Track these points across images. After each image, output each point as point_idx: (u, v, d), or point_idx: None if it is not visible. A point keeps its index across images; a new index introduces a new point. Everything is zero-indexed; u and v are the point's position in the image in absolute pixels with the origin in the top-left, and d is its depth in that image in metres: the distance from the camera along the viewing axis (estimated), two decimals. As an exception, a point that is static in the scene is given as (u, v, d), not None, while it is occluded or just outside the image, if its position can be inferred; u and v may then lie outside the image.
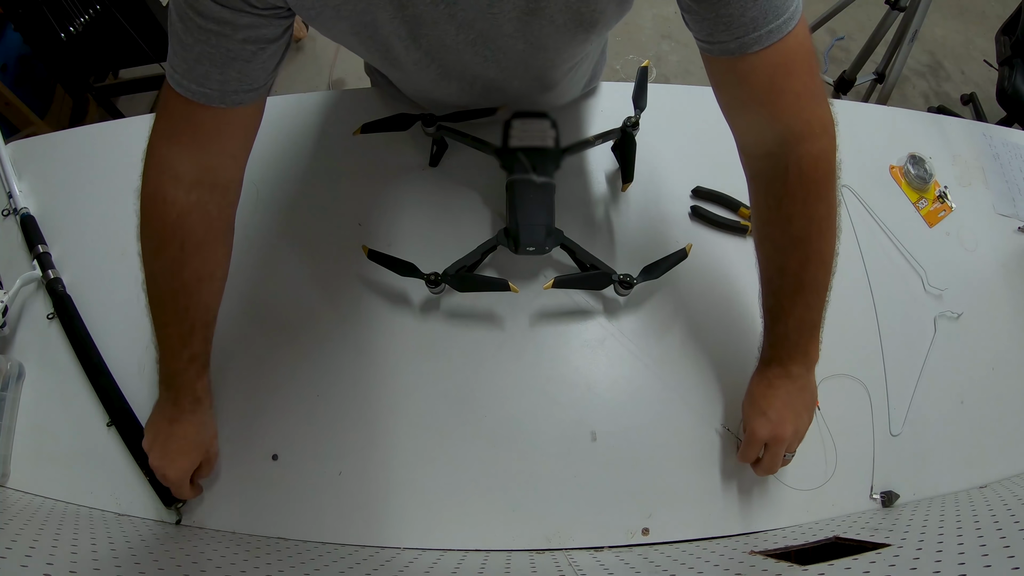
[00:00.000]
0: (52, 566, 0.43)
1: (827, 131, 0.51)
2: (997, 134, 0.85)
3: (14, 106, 1.47)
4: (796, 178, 0.51)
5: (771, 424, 0.57)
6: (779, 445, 0.57)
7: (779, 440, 0.56)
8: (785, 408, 0.57)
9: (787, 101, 0.49)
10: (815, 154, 0.51)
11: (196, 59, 0.47)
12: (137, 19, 1.43)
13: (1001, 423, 0.67)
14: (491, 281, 0.63)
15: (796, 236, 0.53)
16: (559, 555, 0.57)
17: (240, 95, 0.50)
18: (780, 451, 0.57)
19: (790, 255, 0.54)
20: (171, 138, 0.52)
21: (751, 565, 0.50)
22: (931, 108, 2.05)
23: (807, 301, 0.55)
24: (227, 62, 0.47)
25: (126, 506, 0.60)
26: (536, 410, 0.63)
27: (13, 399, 0.63)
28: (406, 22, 0.51)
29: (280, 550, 0.56)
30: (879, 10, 1.39)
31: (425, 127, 0.69)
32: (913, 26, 1.29)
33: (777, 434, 0.56)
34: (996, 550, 0.43)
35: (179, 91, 0.49)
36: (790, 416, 0.57)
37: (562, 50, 0.57)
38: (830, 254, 0.54)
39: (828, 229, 0.53)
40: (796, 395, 0.57)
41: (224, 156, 0.54)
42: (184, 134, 0.51)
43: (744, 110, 0.52)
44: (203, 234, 0.54)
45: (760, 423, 0.57)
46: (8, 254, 0.71)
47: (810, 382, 0.58)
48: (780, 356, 0.57)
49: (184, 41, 0.47)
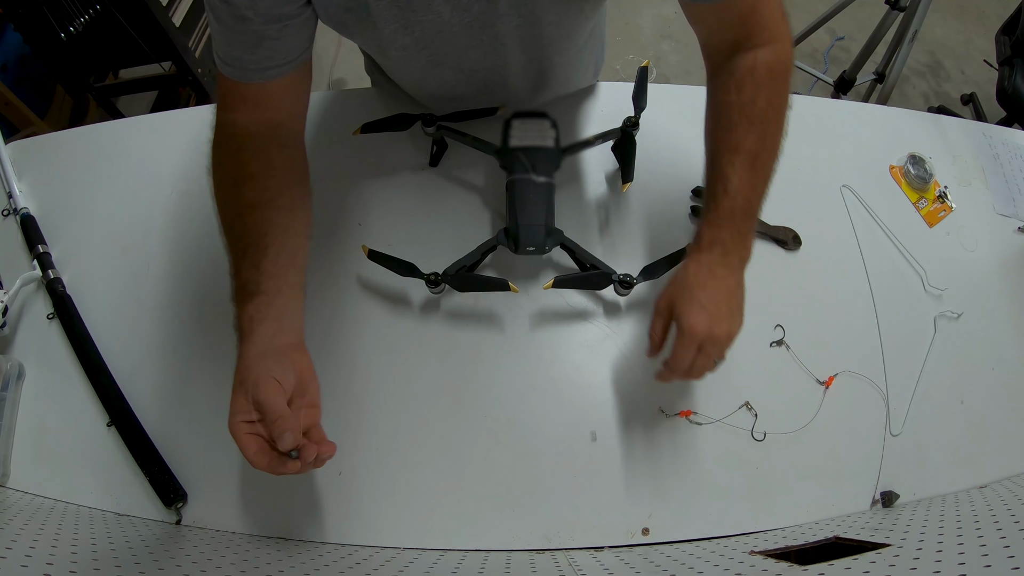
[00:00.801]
0: (52, 566, 0.43)
1: (790, 40, 0.55)
2: (997, 134, 0.85)
3: (14, 106, 1.47)
4: (764, 68, 0.54)
5: (710, 319, 0.52)
6: (716, 345, 0.52)
7: (716, 340, 0.52)
8: (724, 304, 0.53)
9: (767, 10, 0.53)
10: (781, 53, 0.54)
11: (228, 43, 0.52)
12: (137, 19, 1.43)
13: (1001, 423, 0.67)
14: (491, 281, 0.63)
15: (755, 117, 0.53)
16: (559, 555, 0.57)
17: (275, 70, 0.53)
18: (714, 353, 0.53)
19: (747, 134, 0.53)
20: (227, 110, 0.56)
21: (751, 565, 0.50)
22: (931, 108, 2.05)
23: (754, 183, 0.54)
24: (255, 42, 0.51)
25: (126, 506, 0.60)
26: (536, 410, 0.63)
27: (13, 399, 0.63)
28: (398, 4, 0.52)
29: (280, 550, 0.56)
30: (879, 10, 1.39)
31: (425, 127, 0.69)
32: (913, 26, 1.29)
33: (716, 332, 0.52)
34: (996, 550, 0.43)
35: (224, 72, 0.54)
36: (726, 313, 0.53)
37: (559, 24, 0.58)
38: (778, 148, 0.55)
39: (781, 122, 0.55)
40: (735, 290, 0.54)
41: (280, 114, 0.58)
42: (237, 106, 0.56)
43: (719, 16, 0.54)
44: (259, 165, 0.55)
45: (699, 317, 0.51)
46: (8, 254, 0.71)
47: (743, 281, 0.55)
48: (722, 239, 0.54)
49: (217, 28, 0.51)
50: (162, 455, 0.60)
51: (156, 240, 0.72)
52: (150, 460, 0.60)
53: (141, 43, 1.47)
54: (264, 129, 0.56)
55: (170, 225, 0.72)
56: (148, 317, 0.68)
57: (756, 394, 0.64)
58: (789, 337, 0.67)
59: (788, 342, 0.67)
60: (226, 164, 0.56)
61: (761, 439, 0.63)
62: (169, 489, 0.59)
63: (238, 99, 0.56)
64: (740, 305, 0.55)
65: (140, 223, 0.73)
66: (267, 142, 0.56)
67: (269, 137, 0.57)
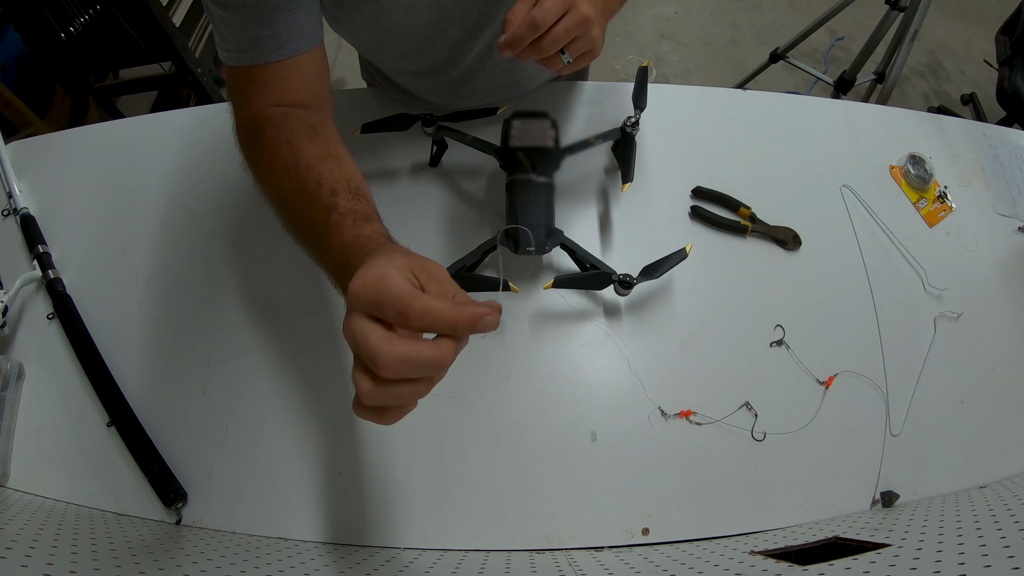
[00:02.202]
0: (52, 566, 0.43)
1: None
2: (997, 134, 0.85)
3: (14, 106, 1.47)
4: None
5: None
6: (580, 23, 0.46)
7: (585, 15, 0.46)
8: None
9: None
10: None
11: (241, 26, 0.50)
12: (137, 19, 1.43)
13: (1001, 423, 0.67)
14: (491, 281, 0.63)
15: None
16: (559, 555, 0.57)
17: (294, 43, 0.51)
18: (570, 30, 0.46)
19: None
20: (247, 104, 0.53)
21: (751, 565, 0.50)
22: (931, 108, 2.05)
23: None
24: (269, 15, 0.50)
25: (126, 506, 0.60)
26: (536, 410, 0.63)
27: (13, 399, 0.63)
28: None
29: (280, 550, 0.56)
30: (879, 10, 1.39)
31: (425, 127, 0.69)
32: (913, 26, 1.29)
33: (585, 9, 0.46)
34: (996, 550, 0.43)
35: (238, 63, 0.51)
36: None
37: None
38: None
39: None
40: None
41: (303, 92, 0.54)
42: (259, 95, 0.53)
43: None
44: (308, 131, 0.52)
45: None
46: (8, 254, 0.71)
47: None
48: None
49: (224, 17, 0.49)
50: (162, 455, 0.60)
51: (156, 240, 0.72)
52: (150, 460, 0.60)
53: (141, 43, 1.47)
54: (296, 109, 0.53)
55: (170, 225, 0.72)
56: (148, 317, 0.68)
57: (756, 394, 0.64)
58: (789, 337, 0.67)
59: (788, 342, 0.67)
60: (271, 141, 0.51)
61: (761, 439, 0.63)
62: (169, 489, 0.58)
63: (258, 86, 0.53)
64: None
65: (140, 223, 0.73)
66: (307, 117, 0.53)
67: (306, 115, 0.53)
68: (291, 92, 0.53)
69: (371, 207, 0.48)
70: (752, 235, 0.72)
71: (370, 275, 0.36)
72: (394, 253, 0.40)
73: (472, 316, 0.35)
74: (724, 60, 2.15)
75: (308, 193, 0.48)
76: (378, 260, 0.38)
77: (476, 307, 0.36)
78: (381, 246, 0.43)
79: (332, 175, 0.49)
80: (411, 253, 0.41)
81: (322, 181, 0.48)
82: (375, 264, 0.37)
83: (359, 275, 0.36)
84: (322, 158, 0.50)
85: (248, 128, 0.53)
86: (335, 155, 0.51)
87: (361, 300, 0.35)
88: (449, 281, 0.39)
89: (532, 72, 0.73)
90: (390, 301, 0.34)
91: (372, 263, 0.37)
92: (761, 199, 0.73)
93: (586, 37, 0.48)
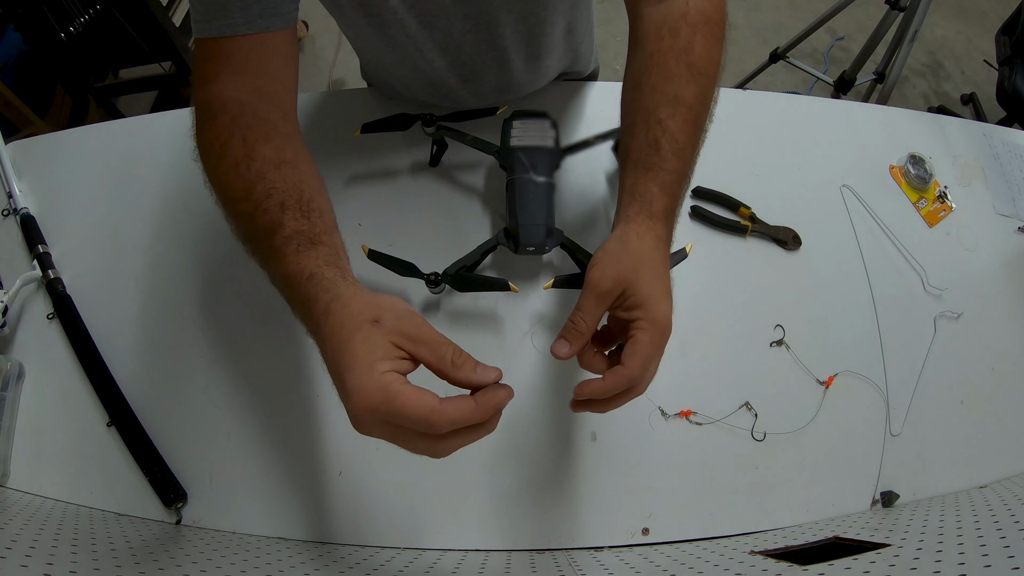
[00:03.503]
0: (52, 566, 0.43)
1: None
2: (997, 134, 0.85)
3: (14, 106, 1.48)
4: (697, 13, 0.48)
5: (670, 318, 0.42)
6: (661, 350, 0.42)
7: (665, 339, 0.42)
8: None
9: None
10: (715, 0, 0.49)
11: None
12: (137, 19, 1.44)
13: (1001, 423, 0.67)
14: (491, 281, 0.63)
15: (695, 66, 0.47)
16: (559, 555, 0.57)
17: (265, 19, 0.49)
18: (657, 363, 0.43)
19: (687, 85, 0.46)
20: (209, 80, 0.49)
21: (751, 565, 0.50)
22: (931, 108, 2.05)
23: (696, 143, 0.47)
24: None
25: (126, 506, 0.60)
26: (536, 410, 0.63)
27: (13, 399, 0.63)
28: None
29: (280, 550, 0.56)
30: (879, 10, 1.39)
31: (425, 127, 0.69)
32: (913, 26, 1.29)
33: (668, 330, 0.42)
34: (996, 550, 0.43)
35: (204, 35, 0.49)
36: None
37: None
38: (712, 109, 0.49)
39: (716, 78, 0.48)
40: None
41: (267, 76, 0.51)
42: (222, 72, 0.49)
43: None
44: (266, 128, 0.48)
45: (668, 308, 0.42)
46: (8, 254, 0.71)
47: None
48: (673, 208, 0.46)
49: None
50: (162, 455, 0.60)
51: (156, 240, 0.72)
52: (150, 460, 0.60)
53: (141, 43, 1.47)
54: (257, 97, 0.50)
55: (170, 225, 0.72)
56: (148, 317, 0.68)
57: (756, 394, 0.64)
58: (789, 337, 0.67)
59: (788, 342, 0.67)
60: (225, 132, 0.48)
61: (761, 439, 0.63)
62: (169, 489, 0.59)
63: (221, 61, 0.49)
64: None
65: (140, 223, 0.73)
66: (266, 111, 0.50)
67: (267, 107, 0.50)
68: (255, 72, 0.50)
69: (322, 224, 0.45)
70: (752, 235, 0.72)
71: (372, 390, 0.35)
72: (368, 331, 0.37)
73: (493, 407, 0.38)
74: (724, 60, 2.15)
75: (255, 202, 0.45)
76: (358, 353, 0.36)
77: (493, 394, 0.38)
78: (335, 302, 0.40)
79: (284, 185, 0.45)
80: (379, 308, 0.39)
81: (272, 192, 0.45)
82: (363, 364, 0.36)
83: (358, 389, 0.35)
84: (276, 163, 0.47)
85: (204, 111, 0.49)
86: (291, 160, 0.48)
87: (373, 421, 0.36)
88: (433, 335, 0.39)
89: (524, 79, 0.74)
90: (411, 422, 0.35)
91: (357, 361, 0.36)
92: (761, 199, 0.73)
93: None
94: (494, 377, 0.39)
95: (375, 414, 0.36)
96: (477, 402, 0.37)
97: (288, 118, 0.52)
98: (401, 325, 0.38)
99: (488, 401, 0.37)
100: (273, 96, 0.51)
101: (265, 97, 0.50)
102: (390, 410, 0.35)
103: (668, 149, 0.45)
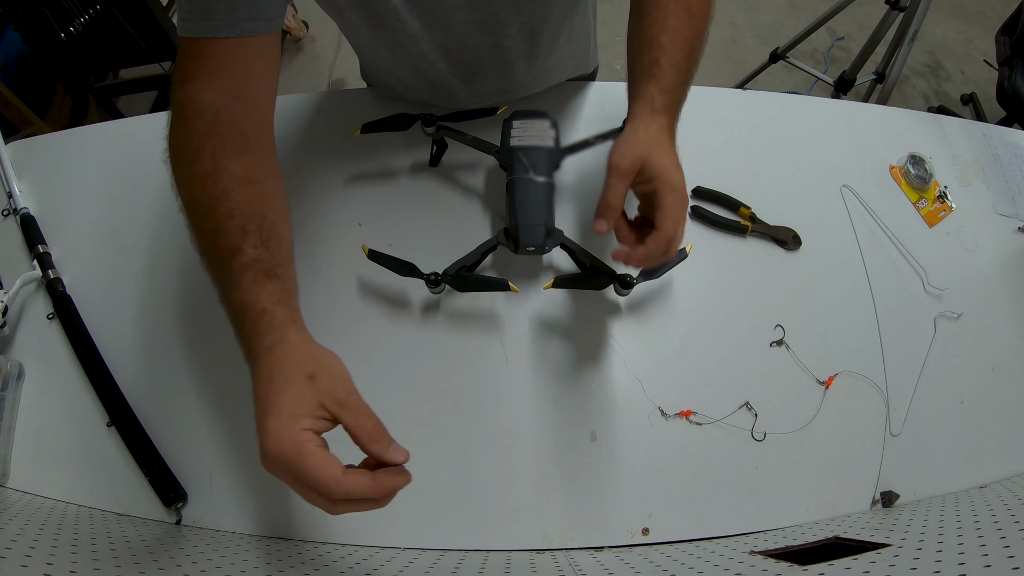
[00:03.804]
0: (52, 566, 0.43)
1: None
2: (997, 134, 0.85)
3: (14, 106, 1.48)
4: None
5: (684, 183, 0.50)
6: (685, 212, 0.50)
7: (686, 205, 0.50)
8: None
9: None
10: None
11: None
12: (137, 19, 1.44)
13: (1001, 423, 0.67)
14: (491, 281, 0.63)
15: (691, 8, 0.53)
16: (559, 555, 0.57)
17: (249, 23, 0.49)
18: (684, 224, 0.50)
19: (685, 23, 0.53)
20: (188, 80, 0.50)
21: (751, 565, 0.50)
22: (931, 108, 2.05)
23: (690, 72, 0.54)
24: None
25: (126, 506, 0.60)
26: (536, 410, 0.63)
27: (13, 399, 0.63)
28: None
29: (280, 550, 0.56)
30: (879, 10, 1.39)
31: (425, 127, 0.69)
32: (913, 26, 1.29)
33: (687, 197, 0.50)
34: (996, 550, 0.43)
35: (187, 34, 0.49)
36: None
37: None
38: (703, 42, 0.56)
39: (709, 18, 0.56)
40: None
41: (247, 81, 0.51)
42: (202, 72, 0.50)
43: None
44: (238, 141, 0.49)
45: (682, 176, 0.50)
46: (8, 254, 0.71)
47: None
48: (674, 106, 0.53)
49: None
50: (162, 455, 0.60)
51: (156, 240, 0.72)
52: (150, 460, 0.60)
53: (141, 43, 1.48)
54: (233, 103, 0.50)
55: (170, 225, 0.72)
56: (148, 317, 0.68)
57: (756, 394, 0.64)
58: (789, 337, 0.67)
59: (788, 342, 0.67)
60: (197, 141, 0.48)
61: (761, 439, 0.63)
62: (169, 489, 0.59)
63: (202, 62, 0.49)
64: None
65: (140, 223, 0.73)
66: (241, 119, 0.50)
67: (242, 115, 0.50)
68: (235, 77, 0.50)
69: (280, 254, 0.47)
70: (752, 235, 0.72)
71: (286, 441, 0.39)
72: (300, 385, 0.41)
73: (390, 490, 0.42)
74: (724, 60, 2.15)
75: (217, 220, 0.46)
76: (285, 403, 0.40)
77: (392, 478, 0.42)
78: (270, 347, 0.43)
79: (247, 207, 0.46)
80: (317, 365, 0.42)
81: (234, 214, 0.46)
82: (287, 415, 0.40)
83: (275, 435, 0.39)
84: (243, 182, 0.47)
85: (180, 113, 0.50)
86: (258, 179, 0.49)
87: (281, 466, 0.39)
88: (359, 405, 0.43)
89: (524, 80, 0.74)
90: (312, 483, 0.39)
91: (283, 411, 0.40)
92: (761, 199, 0.73)
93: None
94: (401, 459, 0.42)
95: (282, 463, 0.39)
96: (375, 481, 0.41)
97: (263, 127, 0.52)
98: (333, 388, 0.42)
99: (385, 483, 0.41)
100: (249, 102, 0.51)
101: (241, 103, 0.50)
102: (296, 465, 0.39)
103: (667, 64, 0.52)
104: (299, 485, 0.40)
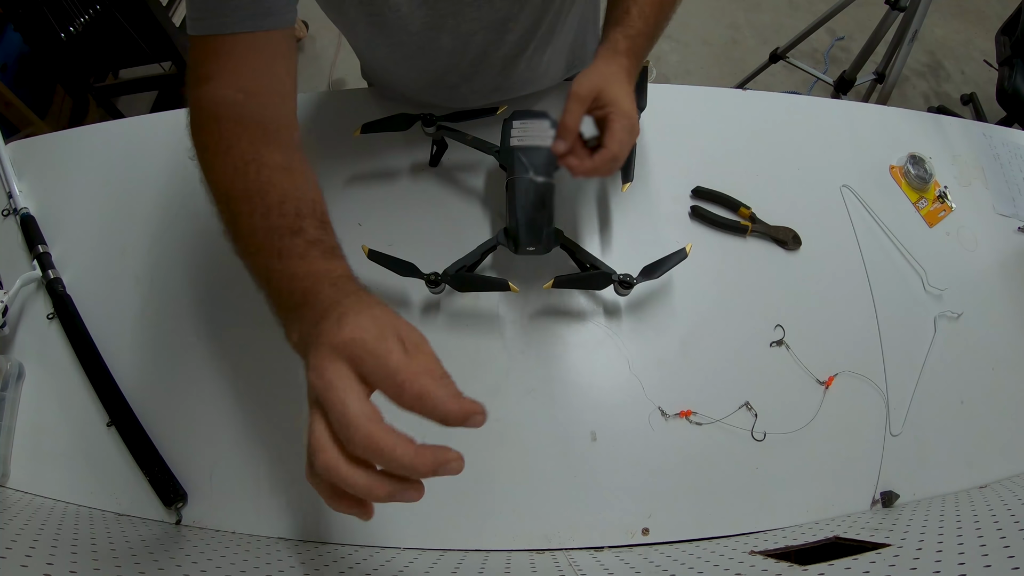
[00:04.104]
0: (52, 566, 0.43)
1: None
2: (997, 134, 0.85)
3: (14, 106, 1.48)
4: None
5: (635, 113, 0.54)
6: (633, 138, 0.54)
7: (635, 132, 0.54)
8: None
9: None
10: None
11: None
12: (137, 19, 1.44)
13: (1001, 423, 0.67)
14: (491, 281, 0.63)
15: None
16: (559, 555, 0.57)
17: (261, 19, 0.49)
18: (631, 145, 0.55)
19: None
20: (203, 81, 0.49)
21: (751, 565, 0.50)
22: (931, 108, 2.05)
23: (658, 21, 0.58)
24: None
25: (126, 506, 0.60)
26: (536, 410, 0.63)
27: (13, 399, 0.63)
28: None
29: (280, 550, 0.56)
30: (879, 10, 1.39)
31: (425, 127, 0.69)
32: (913, 26, 1.29)
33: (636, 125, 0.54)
34: (996, 550, 0.43)
35: (198, 32, 0.49)
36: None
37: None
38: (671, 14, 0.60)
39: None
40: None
41: (263, 76, 0.51)
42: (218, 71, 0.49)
43: None
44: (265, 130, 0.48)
45: (632, 105, 0.54)
46: (8, 254, 0.71)
47: None
48: (636, 51, 0.57)
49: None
50: (162, 455, 0.60)
51: (156, 240, 0.72)
52: (150, 460, 0.60)
53: (141, 43, 1.47)
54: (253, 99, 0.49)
55: (170, 225, 0.72)
56: (148, 317, 0.68)
57: (756, 394, 0.64)
58: (789, 337, 0.67)
59: (788, 342, 0.67)
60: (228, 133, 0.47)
61: (761, 439, 0.63)
62: (169, 489, 0.58)
63: (217, 60, 0.49)
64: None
65: (140, 223, 0.73)
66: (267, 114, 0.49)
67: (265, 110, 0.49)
68: (252, 73, 0.50)
69: (336, 242, 0.46)
70: (752, 235, 0.72)
71: (368, 327, 0.34)
72: (383, 309, 0.37)
73: (467, 412, 0.33)
74: (724, 60, 2.15)
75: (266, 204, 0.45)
76: (372, 311, 0.35)
77: (471, 403, 0.34)
78: (358, 292, 0.40)
79: (297, 194, 0.46)
80: (392, 312, 0.38)
81: (285, 199, 0.45)
82: (369, 315, 0.35)
83: (353, 322, 0.34)
84: (286, 170, 0.47)
85: (203, 112, 0.49)
86: (299, 170, 0.48)
87: (351, 348, 0.33)
88: (435, 358, 0.37)
89: (526, 77, 0.74)
90: (385, 368, 0.32)
91: (363, 311, 0.35)
92: (761, 199, 0.73)
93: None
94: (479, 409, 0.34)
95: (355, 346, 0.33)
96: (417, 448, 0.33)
97: (287, 125, 0.51)
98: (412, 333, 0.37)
99: (467, 407, 0.33)
100: (269, 98, 0.51)
101: (261, 99, 0.50)
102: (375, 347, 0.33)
103: (636, 14, 0.57)
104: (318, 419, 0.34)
